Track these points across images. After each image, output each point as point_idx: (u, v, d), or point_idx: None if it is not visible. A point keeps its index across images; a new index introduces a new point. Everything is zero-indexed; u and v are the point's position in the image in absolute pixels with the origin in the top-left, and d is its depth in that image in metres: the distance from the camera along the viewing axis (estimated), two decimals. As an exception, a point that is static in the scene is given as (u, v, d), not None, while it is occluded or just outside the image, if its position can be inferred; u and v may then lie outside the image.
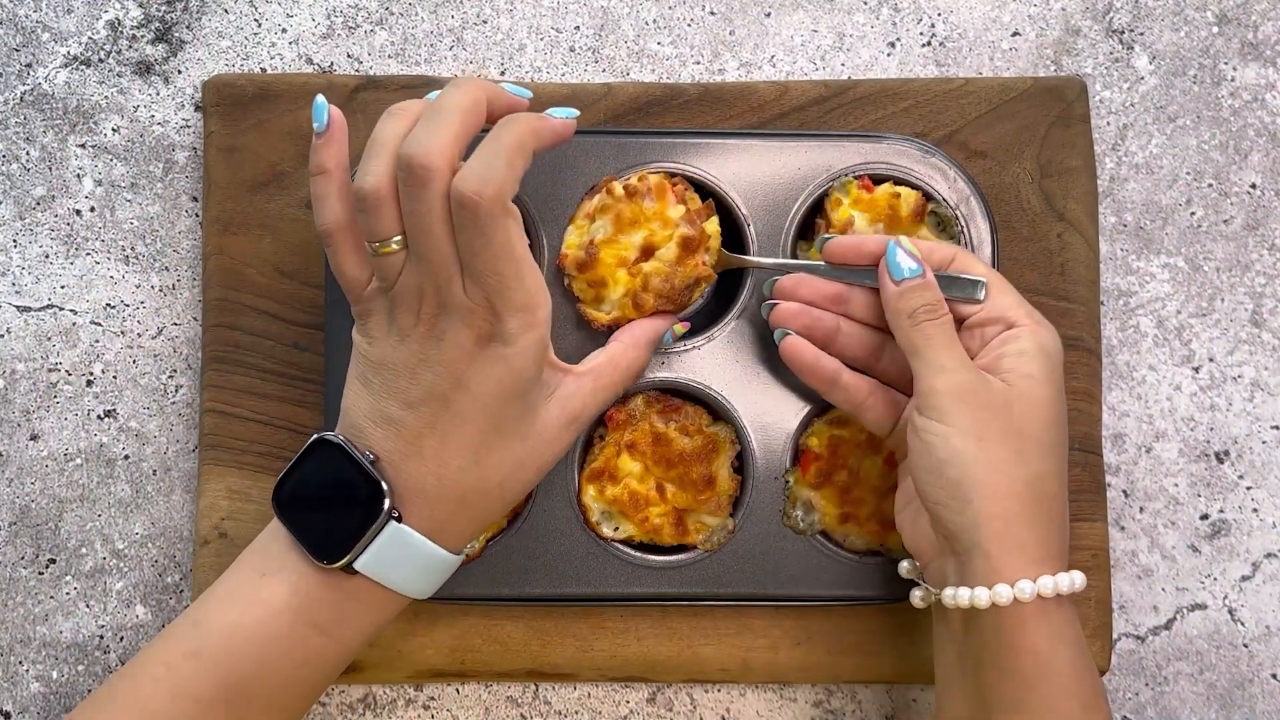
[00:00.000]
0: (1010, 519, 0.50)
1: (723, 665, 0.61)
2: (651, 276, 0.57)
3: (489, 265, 0.47)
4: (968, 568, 0.50)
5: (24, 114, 0.65)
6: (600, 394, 0.54)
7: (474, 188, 0.46)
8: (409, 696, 0.63)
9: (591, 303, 0.58)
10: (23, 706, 0.63)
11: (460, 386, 0.49)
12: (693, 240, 0.57)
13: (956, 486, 0.50)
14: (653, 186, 0.58)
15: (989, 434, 0.50)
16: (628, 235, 0.57)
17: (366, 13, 0.66)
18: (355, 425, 0.50)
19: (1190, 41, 0.67)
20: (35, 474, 0.64)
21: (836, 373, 0.56)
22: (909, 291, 0.53)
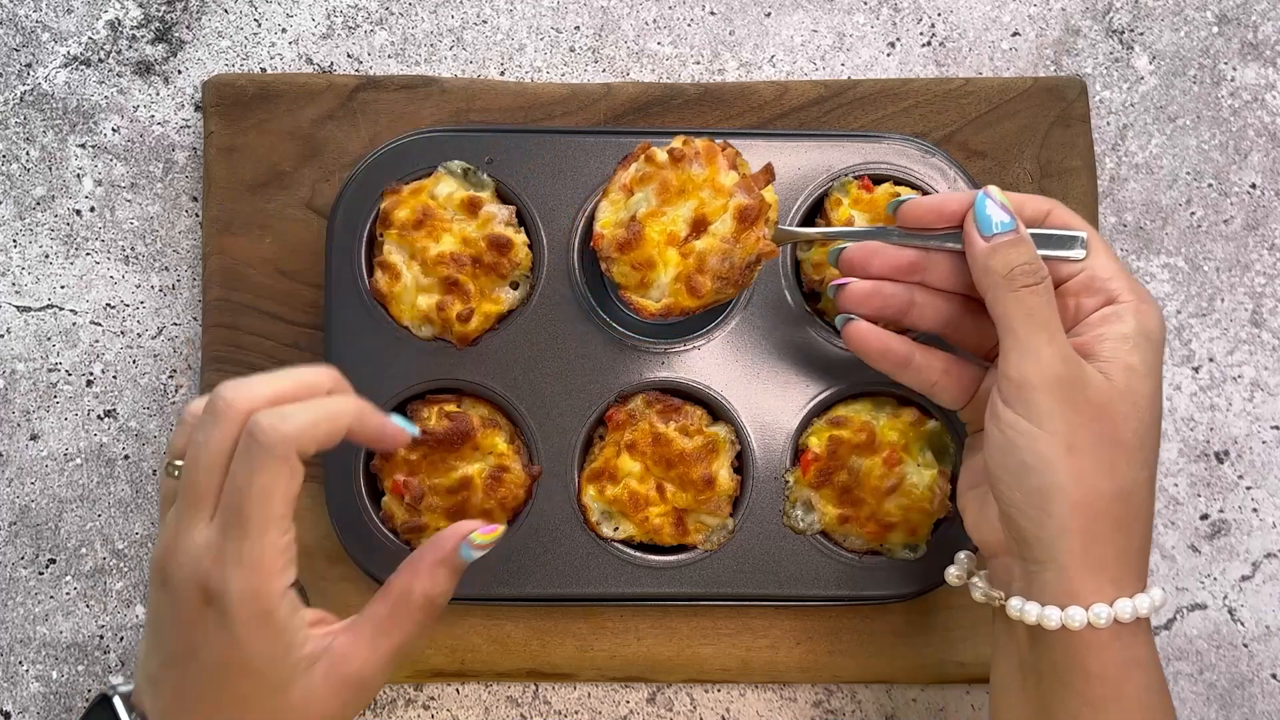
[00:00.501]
0: (1092, 537, 0.45)
1: (723, 665, 0.61)
2: (707, 255, 0.51)
3: (238, 499, 0.42)
4: (1039, 579, 0.47)
5: (24, 114, 0.65)
6: (383, 643, 0.45)
7: (269, 420, 0.42)
8: (409, 696, 0.63)
9: (637, 288, 0.53)
10: (23, 706, 0.63)
11: (190, 654, 0.43)
12: (751, 210, 0.51)
13: (1038, 496, 0.46)
14: (701, 150, 0.51)
15: (1082, 442, 0.45)
16: (675, 207, 0.52)
17: (366, 13, 0.66)
18: (137, 679, 0.46)
19: (1190, 41, 0.67)
20: (35, 474, 0.64)
21: (908, 356, 0.51)
22: (1002, 248, 0.47)
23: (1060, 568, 0.46)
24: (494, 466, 0.58)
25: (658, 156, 0.51)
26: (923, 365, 0.51)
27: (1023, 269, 0.47)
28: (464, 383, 0.60)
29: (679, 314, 0.52)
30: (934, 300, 0.51)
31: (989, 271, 0.48)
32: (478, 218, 0.59)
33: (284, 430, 0.42)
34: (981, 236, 0.48)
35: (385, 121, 0.63)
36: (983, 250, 0.48)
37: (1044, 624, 0.46)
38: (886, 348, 0.51)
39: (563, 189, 0.60)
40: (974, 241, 0.48)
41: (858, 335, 0.51)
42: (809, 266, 0.60)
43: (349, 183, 0.60)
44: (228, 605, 0.42)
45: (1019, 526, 0.47)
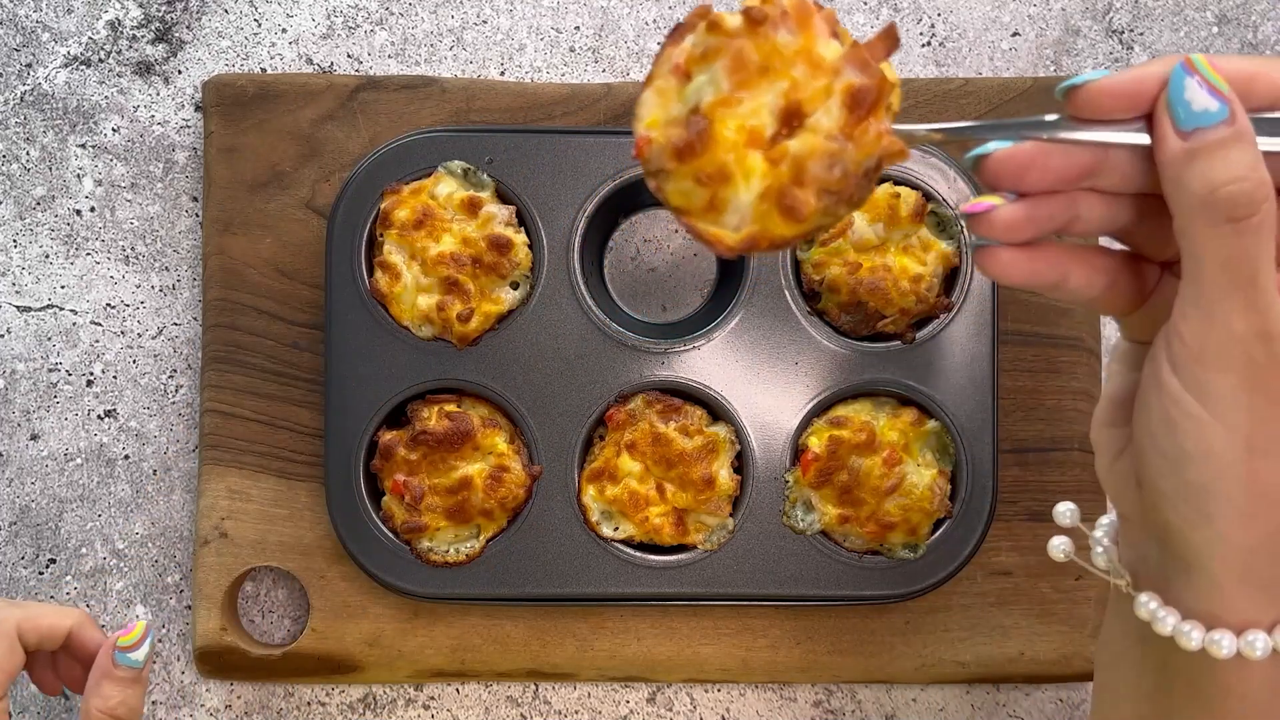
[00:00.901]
0: (1260, 553, 0.36)
1: (723, 665, 0.61)
2: (807, 160, 0.35)
3: None
4: (1182, 581, 0.38)
5: (24, 114, 0.65)
6: None
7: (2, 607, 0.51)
8: (409, 696, 0.63)
9: (704, 213, 0.36)
10: (23, 706, 0.63)
11: None
12: (868, 93, 0.35)
13: (1199, 494, 0.36)
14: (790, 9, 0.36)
15: (1265, 440, 0.35)
16: (756, 93, 0.35)
17: (366, 13, 0.66)
18: None
19: (1190, 41, 0.67)
20: (35, 474, 0.64)
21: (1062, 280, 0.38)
22: (1205, 153, 0.34)
23: (1211, 579, 0.37)
24: (494, 466, 0.58)
25: (726, 22, 0.36)
26: (1081, 284, 0.38)
27: (1229, 192, 0.33)
28: (464, 383, 0.60)
29: (767, 248, 0.36)
30: (1105, 205, 0.37)
31: (1181, 187, 0.34)
32: (478, 218, 0.59)
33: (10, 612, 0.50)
34: (1177, 131, 0.34)
35: (385, 121, 0.63)
36: (1176, 154, 0.34)
37: (1181, 642, 0.37)
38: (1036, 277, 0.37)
39: (563, 189, 0.60)
40: (1165, 138, 0.34)
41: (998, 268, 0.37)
42: (809, 266, 0.60)
43: (349, 183, 0.60)
44: None
45: (1168, 520, 0.37)
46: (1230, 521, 0.36)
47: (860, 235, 0.59)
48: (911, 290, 0.58)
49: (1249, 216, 0.33)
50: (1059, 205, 0.36)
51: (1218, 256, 0.34)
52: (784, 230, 0.36)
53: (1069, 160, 0.36)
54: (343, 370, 0.59)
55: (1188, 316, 0.35)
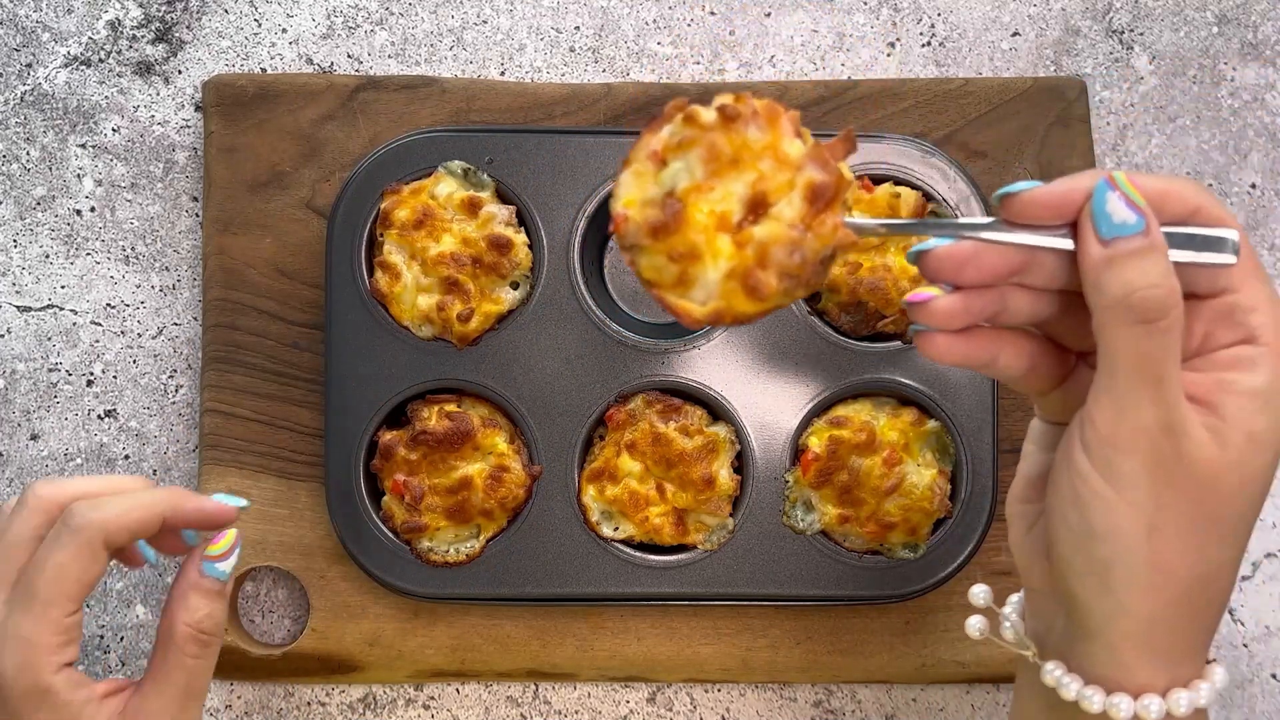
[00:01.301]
0: (1157, 624, 0.38)
1: (723, 665, 0.61)
2: (770, 245, 0.38)
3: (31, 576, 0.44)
4: (1083, 647, 0.40)
5: (24, 114, 0.65)
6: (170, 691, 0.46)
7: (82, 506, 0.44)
8: (409, 696, 0.63)
9: (675, 287, 0.39)
10: (23, 706, 0.63)
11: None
12: (826, 189, 0.38)
13: (1104, 568, 0.38)
14: (761, 110, 0.39)
15: (1168, 522, 0.38)
16: (726, 181, 0.39)
17: (366, 13, 0.66)
18: None
19: (1190, 41, 0.67)
20: (35, 474, 0.64)
21: (992, 358, 0.41)
22: (1121, 261, 0.37)
23: (1112, 646, 0.39)
24: (494, 466, 0.58)
25: (702, 116, 0.39)
26: (1007, 364, 0.41)
27: (1143, 296, 0.36)
28: (464, 383, 0.60)
29: (730, 322, 0.40)
30: (1032, 300, 0.40)
31: (1100, 289, 0.37)
32: (478, 218, 0.59)
33: (94, 516, 0.44)
34: (1098, 239, 0.37)
35: (385, 121, 0.63)
36: (1096, 259, 0.37)
37: (1084, 705, 0.39)
38: (967, 358, 0.41)
39: (563, 189, 0.60)
40: (1087, 244, 0.37)
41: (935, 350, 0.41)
42: (809, 266, 0.60)
43: (349, 183, 0.60)
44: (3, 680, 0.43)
45: (1072, 588, 0.39)
46: (1131, 594, 0.38)
47: (860, 235, 0.59)
48: (911, 290, 0.58)
49: (1159, 319, 0.36)
50: (990, 298, 0.39)
51: (1130, 354, 0.37)
52: (746, 308, 0.39)
53: (1001, 259, 0.39)
54: (343, 370, 0.59)
55: (1101, 405, 0.38)
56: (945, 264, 0.39)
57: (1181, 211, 0.38)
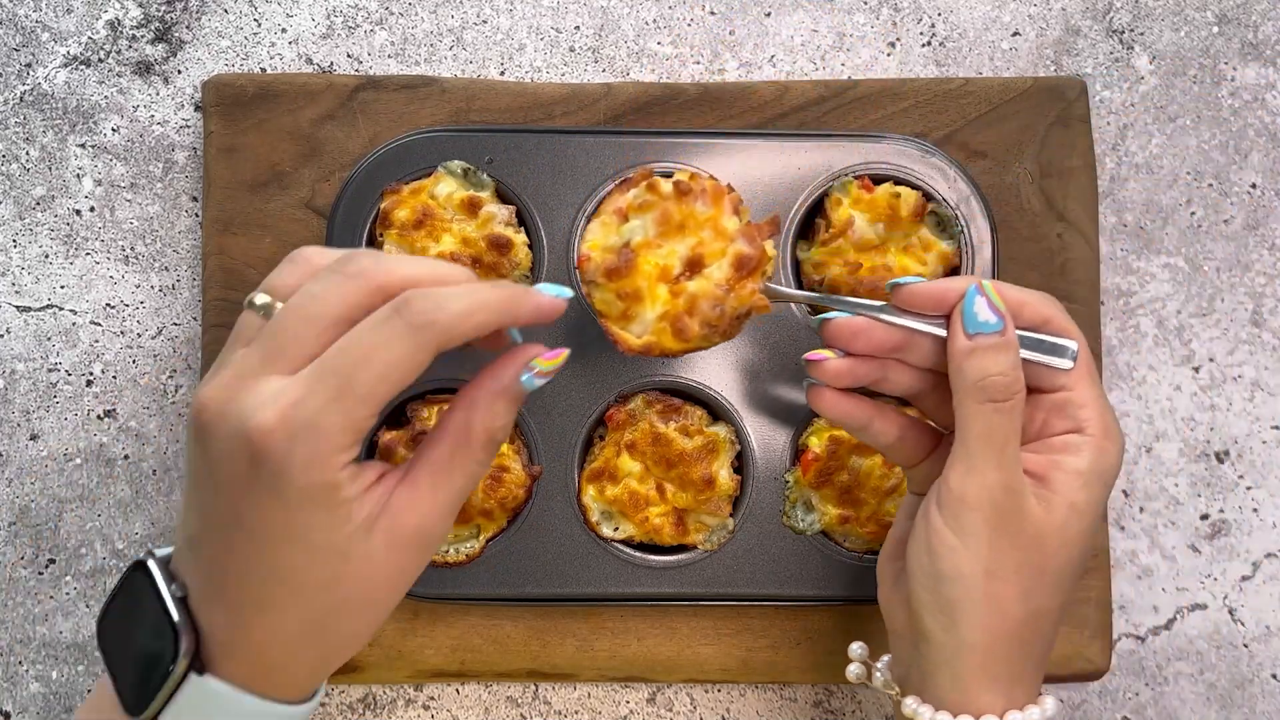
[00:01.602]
0: (993, 655, 0.46)
1: (723, 665, 0.61)
2: (698, 298, 0.49)
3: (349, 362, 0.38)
4: (934, 678, 0.48)
5: (24, 114, 0.65)
6: (445, 490, 0.41)
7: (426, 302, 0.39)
8: (409, 696, 0.63)
9: (619, 319, 0.50)
10: (22, 706, 0.63)
11: (234, 522, 0.39)
12: (750, 260, 0.49)
13: (949, 606, 0.47)
14: (708, 189, 0.50)
15: (1002, 568, 0.46)
16: (672, 242, 0.49)
17: (366, 13, 0.66)
18: (178, 542, 0.42)
19: (1190, 41, 0.67)
20: (35, 474, 0.64)
21: (867, 423, 0.51)
22: (980, 352, 0.46)
23: (955, 675, 0.47)
24: (494, 466, 0.58)
25: (662, 187, 0.49)
26: (880, 430, 0.51)
27: (994, 381, 0.46)
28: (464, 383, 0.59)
29: (658, 354, 0.50)
30: (907, 374, 0.50)
31: (962, 373, 0.46)
32: (478, 218, 0.59)
33: (438, 316, 0.39)
34: (964, 333, 0.47)
35: (385, 121, 0.63)
36: (961, 349, 0.46)
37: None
38: (848, 415, 0.50)
39: (563, 189, 0.60)
40: (955, 335, 0.47)
41: (821, 403, 0.50)
42: (809, 266, 0.60)
43: (349, 183, 0.60)
44: (286, 471, 0.37)
45: (924, 624, 0.48)
46: (973, 629, 0.46)
47: (860, 235, 0.59)
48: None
49: (1004, 400, 0.46)
50: (874, 366, 0.49)
51: (981, 426, 0.46)
52: (671, 345, 0.49)
53: (887, 336, 0.48)
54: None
55: (955, 468, 0.46)
56: (841, 332, 0.48)
57: (1035, 319, 0.48)
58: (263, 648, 0.40)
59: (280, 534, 0.39)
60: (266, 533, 0.39)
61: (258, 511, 0.38)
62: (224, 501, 0.39)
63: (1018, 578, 0.46)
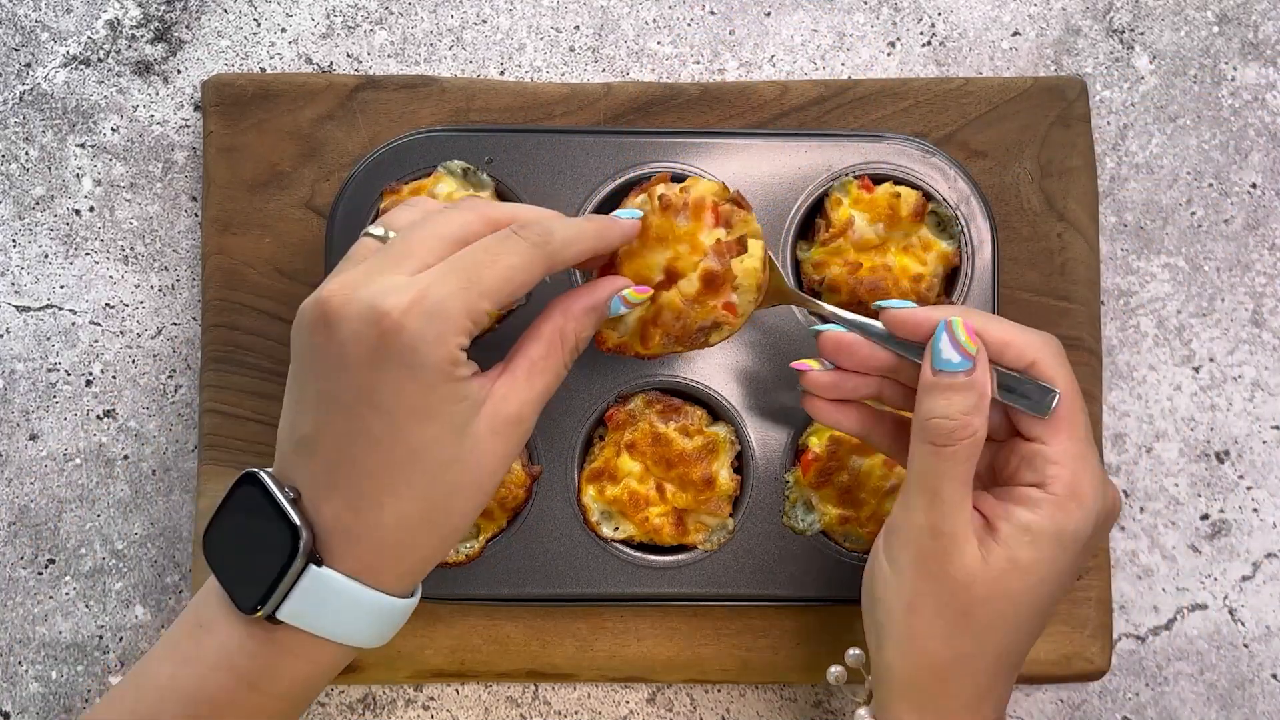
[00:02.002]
0: (913, 685, 0.47)
1: (723, 665, 0.61)
2: (664, 310, 0.51)
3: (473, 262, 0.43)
4: (876, 693, 0.49)
5: (23, 114, 0.65)
6: (537, 383, 0.45)
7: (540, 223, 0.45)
8: (409, 696, 0.63)
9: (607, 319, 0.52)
10: (22, 706, 0.63)
11: (365, 398, 0.42)
12: (716, 277, 0.50)
13: (877, 628, 0.48)
14: (691, 202, 0.50)
15: (922, 606, 0.46)
16: (652, 253, 0.51)
17: (366, 12, 0.66)
18: (281, 452, 0.45)
19: (1190, 41, 0.67)
20: (35, 474, 0.64)
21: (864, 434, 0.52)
22: (939, 390, 0.46)
23: (883, 695, 0.48)
24: (494, 466, 0.58)
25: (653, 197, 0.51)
26: (878, 439, 0.52)
27: (937, 424, 0.45)
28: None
29: (630, 355, 0.52)
30: (902, 393, 0.51)
31: (917, 408, 0.47)
32: (477, 217, 0.59)
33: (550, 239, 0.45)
34: (931, 368, 0.46)
35: (385, 121, 0.63)
36: (924, 382, 0.46)
37: None
38: (836, 424, 0.52)
39: (563, 189, 0.60)
40: (924, 367, 0.47)
41: (812, 411, 0.53)
42: (809, 266, 0.60)
43: (349, 182, 0.60)
44: (417, 347, 0.41)
45: (866, 637, 0.50)
46: (894, 656, 0.47)
47: (860, 235, 0.59)
48: (912, 290, 0.58)
49: (944, 446, 0.45)
50: (864, 382, 0.51)
51: (918, 465, 0.46)
52: (639, 349, 0.52)
53: (871, 355, 0.49)
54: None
55: (898, 501, 0.47)
56: (828, 346, 0.50)
57: (1020, 361, 0.47)
58: (384, 532, 0.43)
59: (412, 408, 0.42)
60: (399, 407, 0.42)
61: (390, 387, 0.42)
62: (354, 382, 0.42)
63: (936, 619, 0.46)
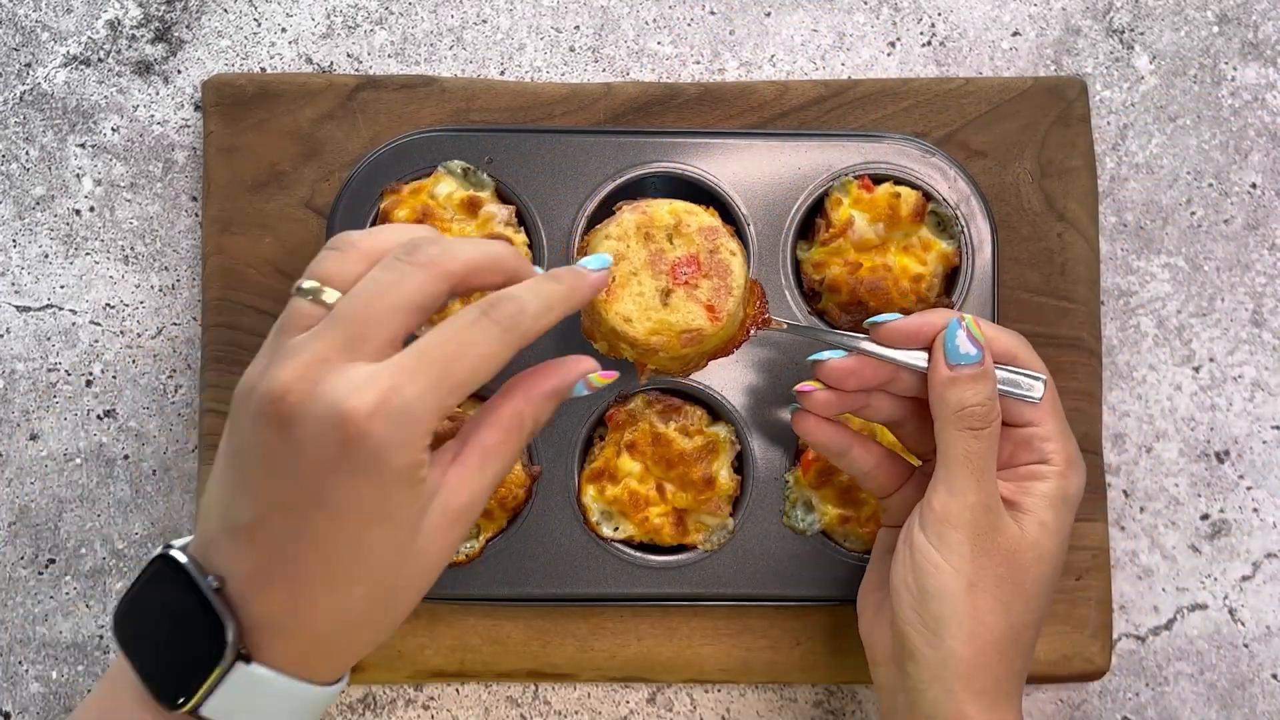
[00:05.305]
0: (979, 666, 0.49)
1: (723, 665, 0.61)
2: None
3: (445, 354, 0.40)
4: (923, 695, 0.50)
5: (24, 114, 0.65)
6: (490, 470, 0.43)
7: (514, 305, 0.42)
8: (409, 696, 0.63)
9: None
10: (22, 706, 0.63)
11: (315, 501, 0.39)
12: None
13: (936, 622, 0.49)
14: None
15: (984, 581, 0.49)
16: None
17: (366, 12, 0.66)
18: (206, 532, 0.42)
19: (1190, 41, 0.67)
20: (35, 474, 0.64)
21: (847, 448, 0.54)
22: (961, 382, 0.50)
23: (945, 688, 0.49)
24: (494, 466, 0.58)
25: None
26: (857, 458, 0.54)
27: (974, 410, 0.49)
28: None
29: None
30: (889, 403, 0.54)
31: (944, 401, 0.50)
32: (478, 218, 0.59)
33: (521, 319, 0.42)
34: (946, 364, 0.50)
35: (385, 121, 0.63)
36: (943, 379, 0.50)
37: None
38: (830, 440, 0.54)
39: (563, 189, 0.60)
40: (937, 367, 0.50)
41: (803, 427, 0.54)
42: (809, 266, 0.60)
43: (349, 182, 0.60)
44: (383, 453, 0.38)
45: (912, 642, 0.50)
46: (958, 641, 0.49)
47: (860, 235, 0.59)
48: (912, 290, 0.58)
49: (983, 428, 0.49)
50: (858, 396, 0.53)
51: (960, 450, 0.49)
52: None
53: (874, 374, 0.52)
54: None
55: (938, 491, 0.50)
56: (834, 374, 0.52)
57: (1003, 355, 0.51)
58: (321, 628, 0.41)
59: (365, 512, 0.40)
60: (353, 511, 0.40)
61: (345, 491, 0.39)
62: (305, 483, 0.39)
63: (998, 590, 0.49)
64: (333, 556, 0.40)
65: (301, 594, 0.41)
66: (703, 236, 0.51)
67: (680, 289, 0.51)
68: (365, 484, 0.39)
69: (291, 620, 0.41)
